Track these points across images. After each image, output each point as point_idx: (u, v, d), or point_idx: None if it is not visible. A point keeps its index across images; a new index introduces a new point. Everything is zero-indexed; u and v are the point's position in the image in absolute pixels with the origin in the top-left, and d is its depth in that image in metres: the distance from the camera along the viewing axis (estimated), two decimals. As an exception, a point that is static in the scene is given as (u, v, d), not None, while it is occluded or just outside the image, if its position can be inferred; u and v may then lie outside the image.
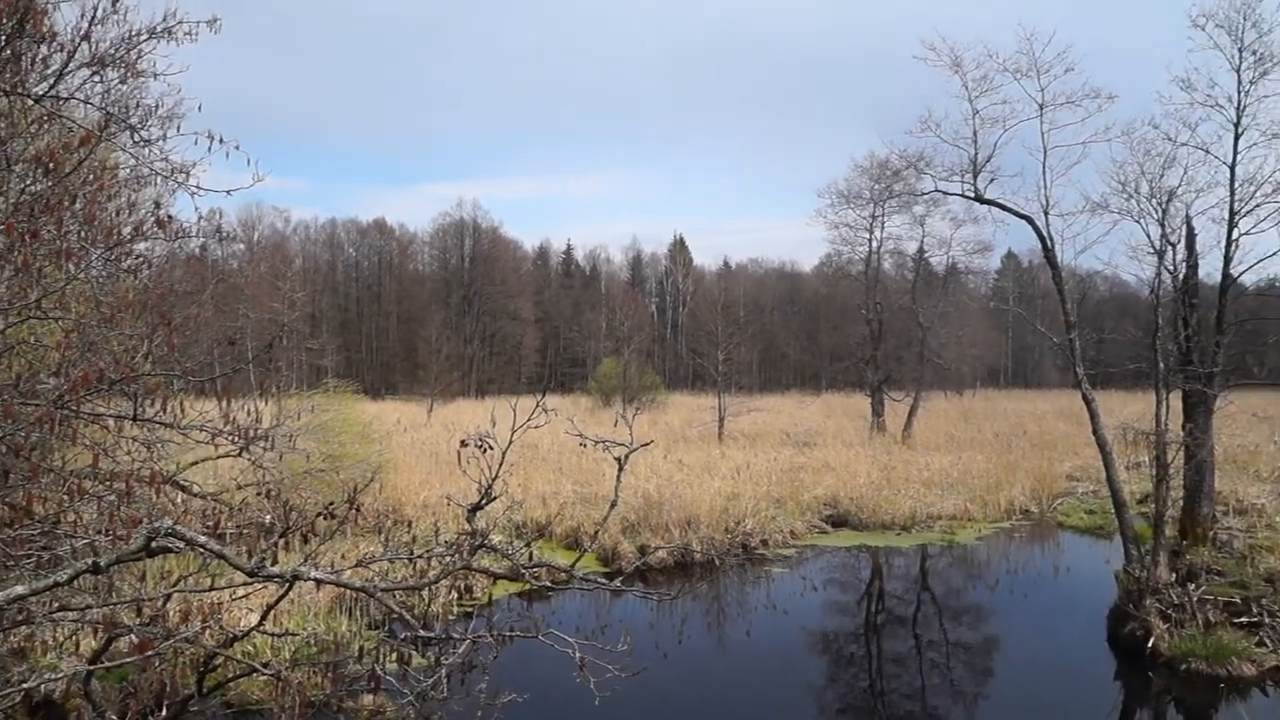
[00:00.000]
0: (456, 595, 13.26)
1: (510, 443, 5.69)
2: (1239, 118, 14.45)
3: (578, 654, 5.46)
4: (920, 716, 10.10)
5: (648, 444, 7.13)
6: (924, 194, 17.45)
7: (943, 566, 17.00)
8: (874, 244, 35.00)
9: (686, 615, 13.47)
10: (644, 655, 11.38)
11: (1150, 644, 10.91)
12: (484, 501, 5.71)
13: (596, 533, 10.74)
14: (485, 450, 5.62)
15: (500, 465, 5.56)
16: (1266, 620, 11.53)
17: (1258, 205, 14.32)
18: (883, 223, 34.39)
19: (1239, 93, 14.44)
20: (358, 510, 5.51)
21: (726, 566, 16.11)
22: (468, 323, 76.80)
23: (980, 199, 13.90)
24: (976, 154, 13.66)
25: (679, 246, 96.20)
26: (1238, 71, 14.44)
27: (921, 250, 35.32)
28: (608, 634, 8.14)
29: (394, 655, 6.07)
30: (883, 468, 23.54)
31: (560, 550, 15.74)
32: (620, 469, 6.37)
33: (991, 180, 13.91)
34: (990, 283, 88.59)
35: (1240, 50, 14.37)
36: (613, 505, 6.60)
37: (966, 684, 11.10)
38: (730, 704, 10.36)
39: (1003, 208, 13.88)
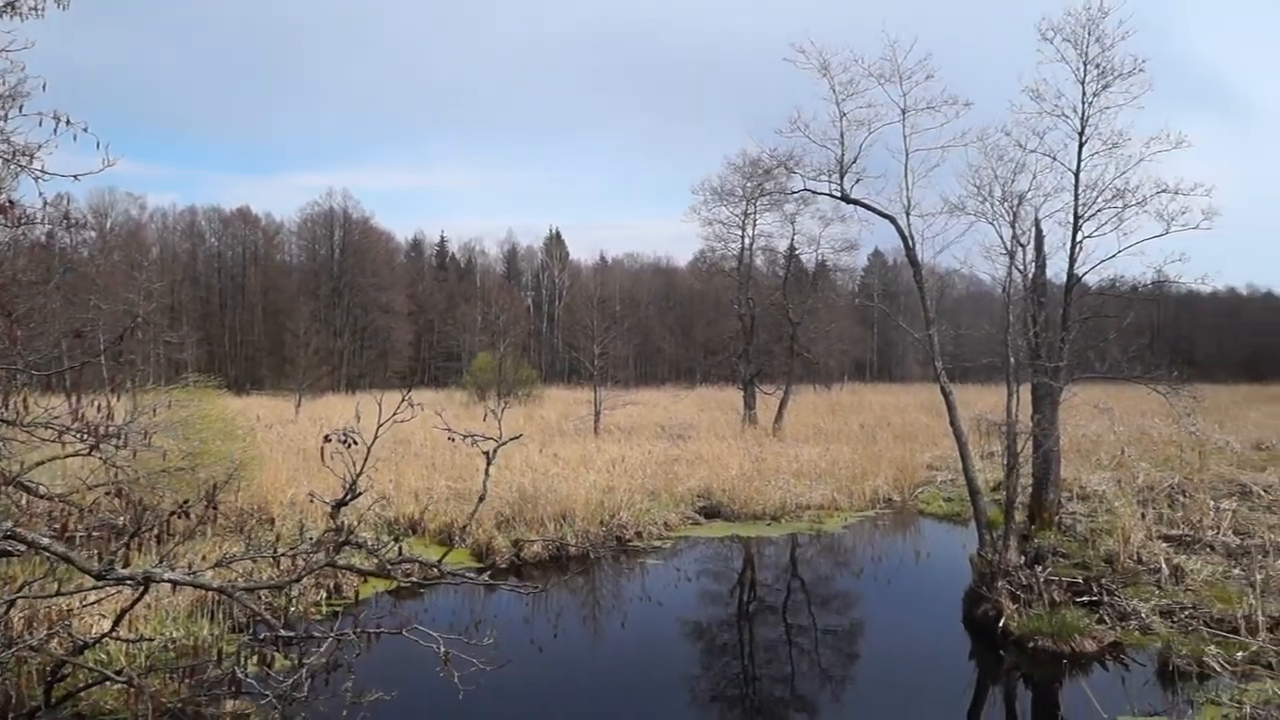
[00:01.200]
0: (325, 594, 12.92)
1: (375, 438, 5.60)
2: (1083, 127, 15.38)
3: (442, 649, 5.43)
4: (790, 701, 10.37)
5: (516, 437, 7.14)
6: (794, 193, 17.94)
7: (811, 555, 17.51)
8: (746, 241, 35.71)
9: (562, 609, 13.49)
10: (519, 649, 11.40)
11: (1001, 624, 11.51)
12: (348, 498, 5.62)
13: (465, 527, 10.65)
14: (350, 445, 5.53)
15: (365, 461, 5.47)
16: (1105, 599, 12.32)
17: (1099, 210, 15.30)
18: (754, 220, 35.12)
19: (1083, 104, 15.36)
20: (215, 509, 5.34)
21: (602, 559, 16.21)
22: (338, 315, 74.73)
23: (846, 199, 14.37)
24: (843, 155, 14.12)
25: (555, 241, 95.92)
26: (1082, 84, 15.35)
27: (792, 247, 36.22)
28: (482, 629, 8.15)
29: (256, 658, 5.92)
30: (754, 459, 24.06)
31: (434, 546, 15.53)
32: (489, 463, 6.38)
33: (857, 181, 14.40)
34: (857, 280, 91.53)
35: (1085, 64, 15.28)
36: (481, 499, 6.61)
37: (834, 667, 11.46)
38: (604, 694, 10.45)
39: (867, 207, 14.38)
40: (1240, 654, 10.24)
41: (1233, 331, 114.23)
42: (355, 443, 5.48)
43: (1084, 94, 15.35)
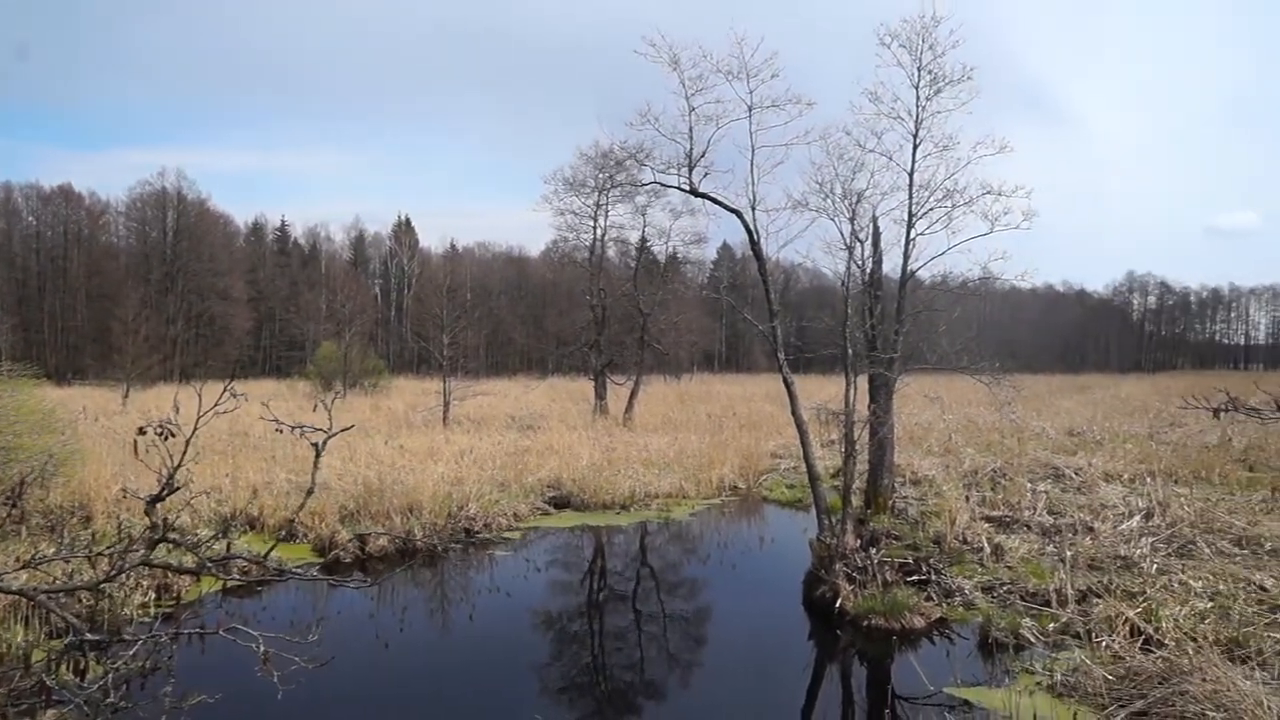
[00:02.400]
0: (155, 595, 12.27)
1: (195, 430, 5.33)
2: (917, 130, 16.12)
3: (261, 648, 5.25)
4: (639, 687, 10.51)
5: (347, 429, 6.96)
6: (644, 185, 18.09)
7: (660, 542, 17.78)
8: (599, 232, 35.87)
9: (408, 603, 13.26)
10: (363, 645, 11.17)
11: (838, 604, 12.02)
12: (164, 493, 5.35)
13: (291, 521, 10.29)
14: (167, 438, 5.25)
15: (185, 454, 5.21)
16: (933, 577, 13.02)
17: (930, 209, 16.08)
18: (607, 211, 35.32)
19: (917, 107, 16.10)
20: (20, 508, 4.99)
21: (449, 551, 16.01)
22: (170, 301, 70.92)
23: (695, 192, 14.63)
24: (692, 149, 14.36)
25: (404, 228, 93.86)
26: (916, 88, 16.08)
27: (644, 239, 36.61)
28: (319, 626, 7.90)
29: (70, 664, 5.56)
30: (604, 449, 24.25)
31: (273, 542, 15.00)
32: (318, 455, 6.19)
33: (705, 175, 14.68)
34: (707, 272, 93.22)
35: (919, 69, 16.01)
36: (309, 493, 6.41)
37: (681, 652, 11.68)
38: (450, 686, 10.33)
39: (715, 201, 14.67)
40: (1052, 625, 11.03)
41: (1050, 325, 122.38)
42: (173, 435, 5.20)
43: (918, 98, 16.10)
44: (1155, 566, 13.00)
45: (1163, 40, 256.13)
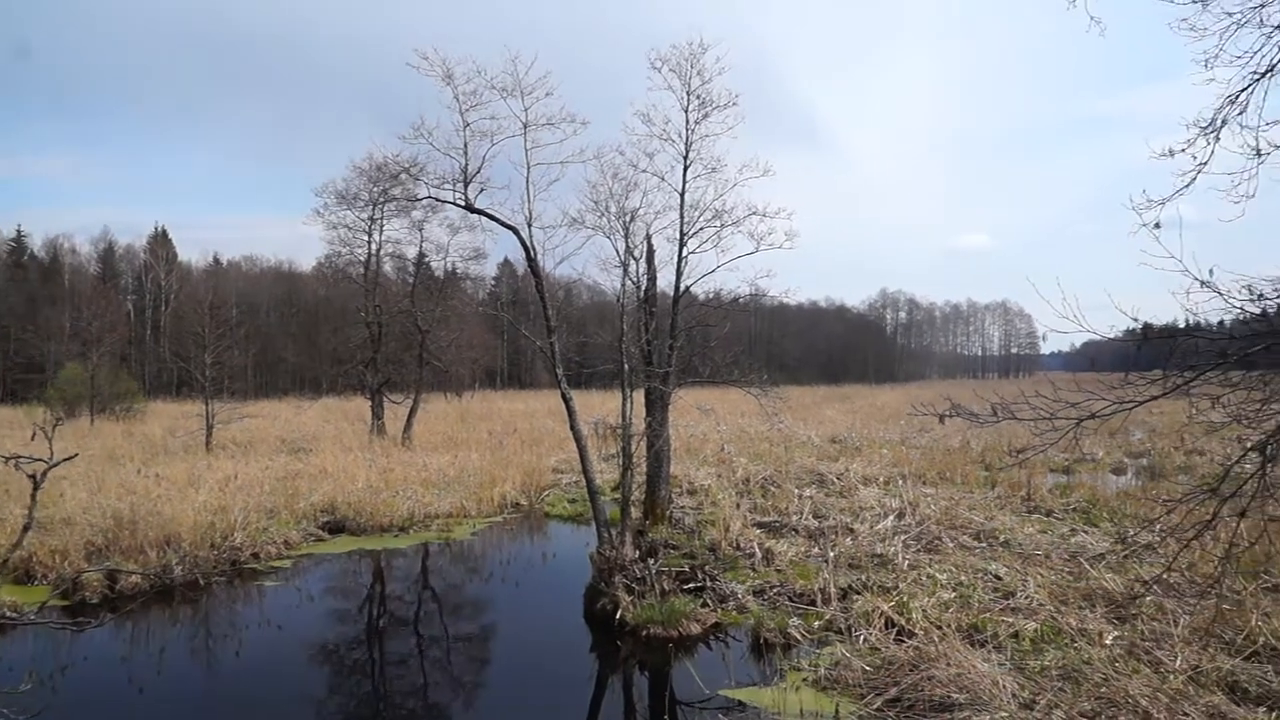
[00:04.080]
0: None
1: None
2: (687, 151, 16.73)
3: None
4: (421, 712, 10.23)
5: (70, 457, 6.41)
6: (419, 200, 17.73)
7: (441, 564, 17.42)
8: (374, 246, 34.77)
9: (167, 643, 12.31)
10: (113, 691, 10.28)
11: (618, 615, 12.20)
12: None
13: (5, 562, 9.34)
14: None
15: None
16: (709, 584, 13.45)
17: (700, 229, 16.73)
18: (381, 225, 34.29)
19: (687, 130, 16.72)
20: None
21: (213, 585, 15.02)
22: (-124, 321, 62.67)
23: (471, 208, 14.49)
24: (467, 165, 14.22)
25: (161, 239, 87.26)
26: (686, 112, 16.70)
27: (421, 255, 35.81)
28: (68, 675, 7.20)
29: None
30: (381, 470, 23.52)
31: (9, 587, 13.57)
32: (36, 487, 5.66)
33: (482, 191, 14.56)
34: (487, 288, 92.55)
35: (688, 94, 16.63)
36: (26, 529, 5.84)
37: (465, 674, 11.47)
38: (215, 732, 9.69)
39: (491, 217, 14.59)
40: (817, 623, 11.68)
41: (814, 339, 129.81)
42: None
43: (687, 121, 16.73)
44: (907, 562, 14.04)
45: (911, 77, 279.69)
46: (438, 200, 15.86)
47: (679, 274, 16.90)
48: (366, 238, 34.48)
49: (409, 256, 36.40)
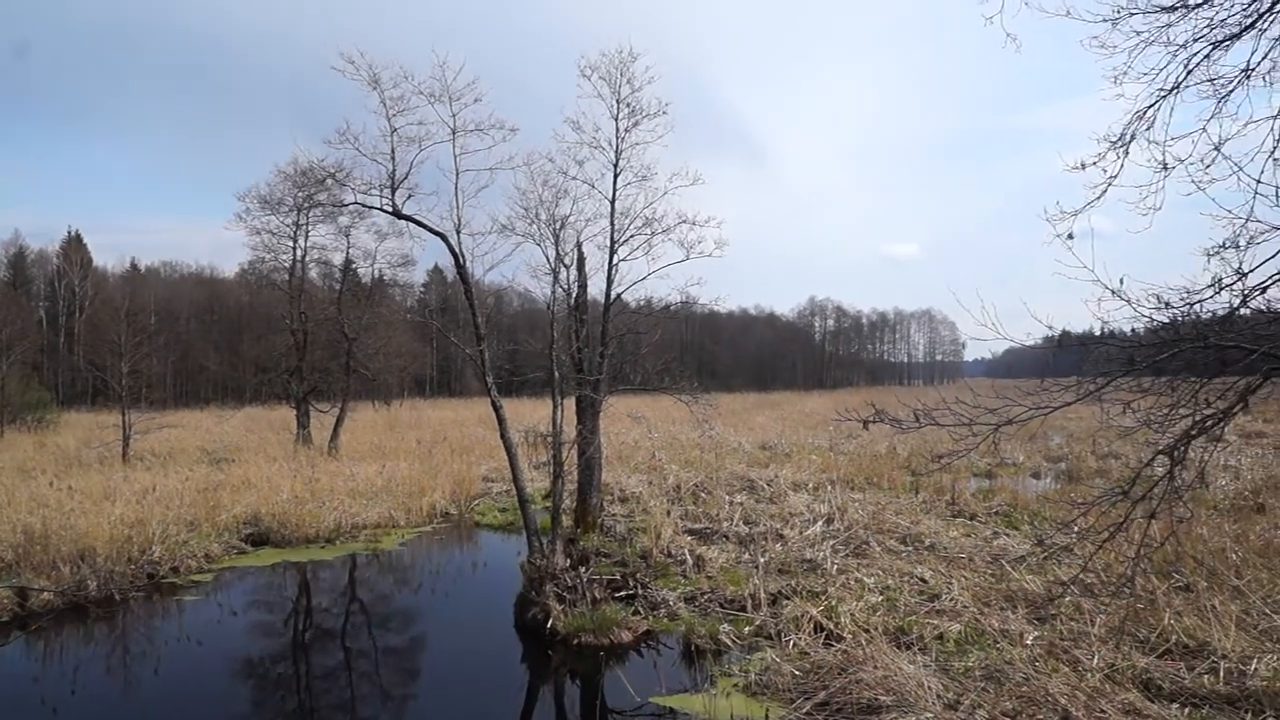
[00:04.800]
0: None
1: None
2: (617, 159, 16.79)
3: None
4: (347, 727, 10.06)
5: None
6: (346, 205, 17.44)
7: (369, 575, 17.14)
8: (299, 253, 34.09)
9: (82, 661, 11.89)
10: (27, 713, 9.91)
11: (549, 624, 12.14)
12: None
13: None
14: None
15: None
16: (640, 592, 13.46)
17: (631, 236, 16.78)
18: (307, 231, 33.65)
19: (617, 138, 16.78)
20: None
21: (130, 600, 14.56)
22: None
23: (399, 214, 14.30)
24: (394, 170, 14.03)
25: (75, 244, 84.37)
26: (616, 120, 16.75)
27: (348, 261, 35.23)
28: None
29: None
30: (307, 481, 23.05)
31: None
32: None
33: (409, 197, 14.37)
34: (416, 295, 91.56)
35: (618, 102, 16.68)
36: None
37: (394, 686, 11.29)
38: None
39: (419, 224, 14.42)
40: (747, 628, 11.76)
41: (744, 346, 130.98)
42: None
43: (618, 129, 16.79)
44: (835, 567, 14.22)
45: (841, 88, 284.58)
46: (365, 206, 15.66)
47: (610, 281, 16.93)
48: (291, 244, 33.81)
49: (335, 263, 35.82)
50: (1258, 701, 8.27)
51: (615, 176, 16.80)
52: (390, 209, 14.23)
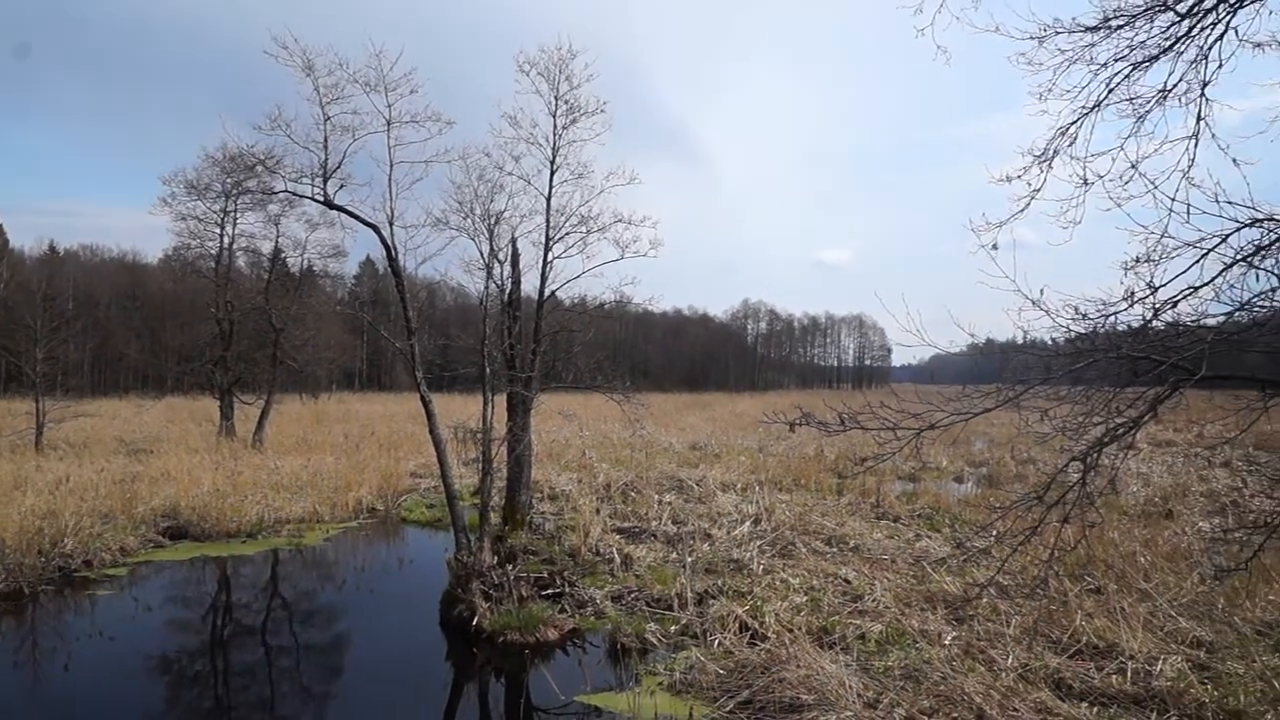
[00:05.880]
0: None
1: None
2: (554, 157, 16.73)
3: None
4: (265, 726, 9.88)
5: None
6: (276, 193, 17.10)
7: (292, 571, 16.83)
8: (226, 240, 33.32)
9: (-17, 658, 11.48)
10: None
11: (475, 622, 12.07)
12: None
13: None
14: None
15: None
16: (567, 590, 13.46)
17: (566, 234, 16.74)
18: (235, 219, 32.92)
19: (554, 135, 16.72)
20: None
21: (39, 594, 14.09)
22: None
23: (330, 204, 14.06)
24: (327, 160, 13.78)
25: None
26: (554, 116, 16.70)
27: (277, 250, 34.54)
28: None
29: None
30: (229, 473, 22.55)
31: None
32: None
33: (341, 186, 14.11)
34: (347, 287, 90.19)
35: (556, 98, 16.63)
36: None
37: (315, 684, 11.12)
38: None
39: (351, 215, 14.18)
40: (674, 627, 11.82)
41: (677, 347, 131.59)
42: None
43: (555, 126, 16.73)
44: (762, 567, 14.38)
45: (781, 95, 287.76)
46: (295, 195, 15.37)
47: (544, 278, 16.87)
48: (219, 230, 33.04)
49: (264, 252, 35.10)
50: (1162, 701, 8.59)
51: (552, 173, 16.75)
52: (322, 198, 13.98)
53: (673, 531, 17.37)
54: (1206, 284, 6.66)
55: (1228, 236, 6.52)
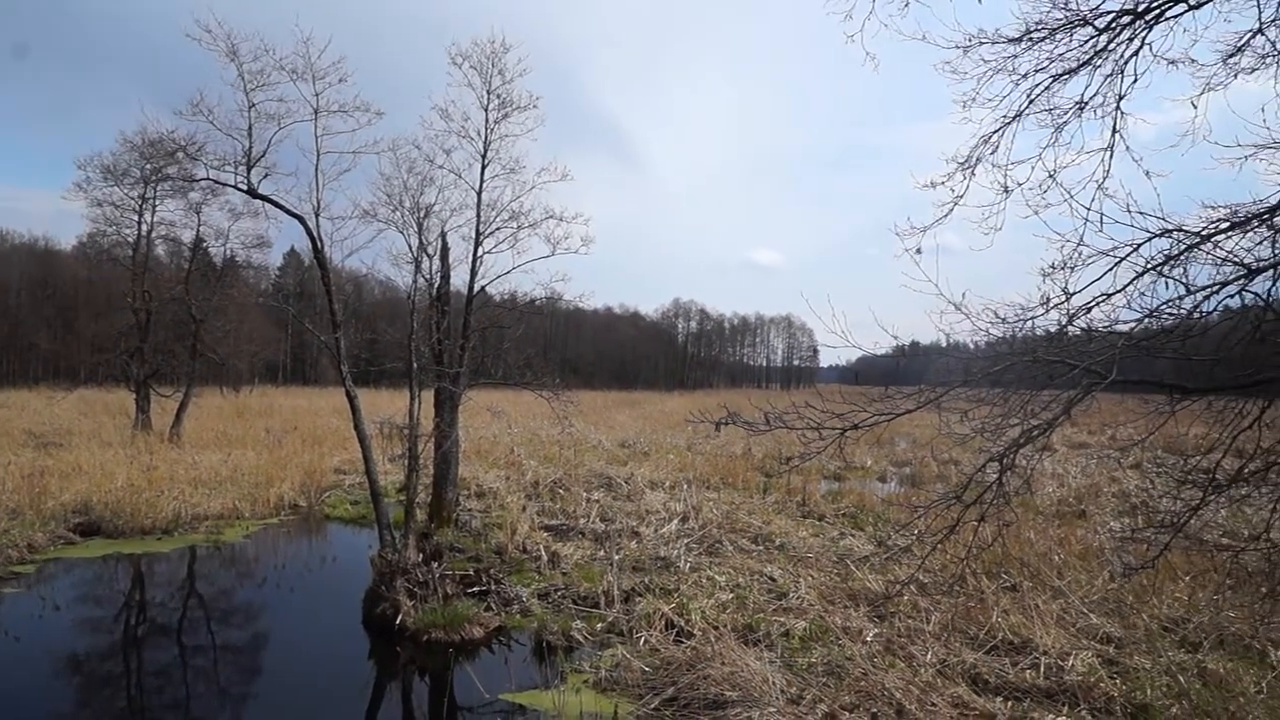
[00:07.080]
0: None
1: None
2: (485, 150, 16.63)
3: None
4: (180, 727, 9.62)
5: None
6: (198, 181, 16.64)
7: (210, 569, 16.41)
8: (144, 228, 32.31)
9: (-125, 661, 10.98)
10: None
11: (399, 620, 11.92)
12: None
13: None
14: None
15: None
16: (493, 587, 13.38)
17: (497, 229, 16.64)
18: (154, 206, 31.93)
19: (486, 129, 16.61)
20: None
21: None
22: None
23: (254, 194, 13.72)
24: (251, 148, 13.44)
25: (-113, 207, 77.66)
26: (486, 110, 16.58)
27: (198, 239, 33.59)
28: None
29: None
30: (145, 468, 21.91)
31: None
32: None
33: (266, 175, 13.77)
34: (272, 278, 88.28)
35: (488, 92, 16.52)
36: None
37: (233, 684, 10.86)
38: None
39: (276, 204, 13.85)
40: (600, 625, 11.84)
41: (607, 344, 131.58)
42: None
43: (487, 120, 16.61)
44: (688, 565, 14.48)
45: (713, 97, 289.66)
46: (217, 183, 14.99)
47: (474, 273, 16.74)
48: (136, 218, 32.01)
49: (185, 240, 34.11)
50: (1073, 695, 8.88)
51: (483, 168, 16.63)
52: (245, 187, 13.64)
53: (600, 529, 17.38)
54: (1119, 291, 6.89)
55: (1139, 246, 6.75)
